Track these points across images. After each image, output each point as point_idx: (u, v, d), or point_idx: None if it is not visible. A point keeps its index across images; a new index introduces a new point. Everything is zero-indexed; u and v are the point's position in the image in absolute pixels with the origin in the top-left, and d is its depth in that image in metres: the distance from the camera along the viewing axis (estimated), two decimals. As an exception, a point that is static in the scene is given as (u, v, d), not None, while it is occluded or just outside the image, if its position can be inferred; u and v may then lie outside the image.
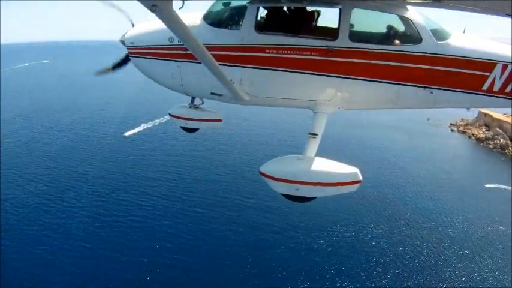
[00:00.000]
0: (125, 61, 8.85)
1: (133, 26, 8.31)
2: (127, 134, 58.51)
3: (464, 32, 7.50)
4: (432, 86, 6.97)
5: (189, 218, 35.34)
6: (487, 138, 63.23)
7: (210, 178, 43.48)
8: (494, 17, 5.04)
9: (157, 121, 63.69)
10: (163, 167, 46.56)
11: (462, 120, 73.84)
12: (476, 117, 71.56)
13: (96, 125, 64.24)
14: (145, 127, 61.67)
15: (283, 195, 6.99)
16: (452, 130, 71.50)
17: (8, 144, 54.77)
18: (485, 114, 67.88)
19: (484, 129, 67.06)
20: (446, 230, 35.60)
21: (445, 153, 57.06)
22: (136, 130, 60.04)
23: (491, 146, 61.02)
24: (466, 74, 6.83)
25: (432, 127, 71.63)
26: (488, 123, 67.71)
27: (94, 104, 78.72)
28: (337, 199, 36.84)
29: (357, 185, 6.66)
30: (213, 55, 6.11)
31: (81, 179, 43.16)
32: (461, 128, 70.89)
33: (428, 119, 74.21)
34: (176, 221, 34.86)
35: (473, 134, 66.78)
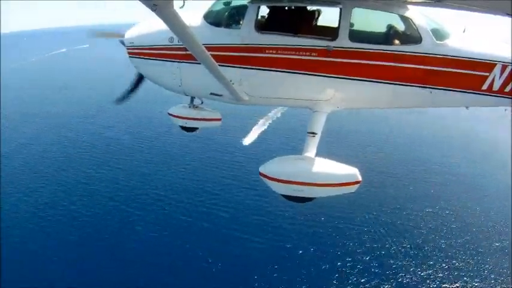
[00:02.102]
0: (139, 81, 9.08)
1: (123, 44, 8.28)
2: (246, 142, 51.09)
3: (464, 31, 7.53)
4: (431, 86, 7.05)
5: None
6: None
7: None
8: (495, 16, 5.11)
9: (268, 119, 55.69)
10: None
11: (533, 110, 77.31)
12: (549, 108, 75.13)
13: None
14: (260, 130, 53.73)
15: (283, 195, 7.05)
16: (532, 122, 75.07)
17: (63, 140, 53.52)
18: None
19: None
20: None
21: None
22: (254, 136, 52.37)
23: None
24: (465, 74, 6.91)
25: (515, 120, 73.98)
26: None
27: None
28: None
29: (356, 186, 6.70)
30: (213, 55, 6.21)
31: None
32: (540, 120, 74.91)
33: (506, 109, 77.15)
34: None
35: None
